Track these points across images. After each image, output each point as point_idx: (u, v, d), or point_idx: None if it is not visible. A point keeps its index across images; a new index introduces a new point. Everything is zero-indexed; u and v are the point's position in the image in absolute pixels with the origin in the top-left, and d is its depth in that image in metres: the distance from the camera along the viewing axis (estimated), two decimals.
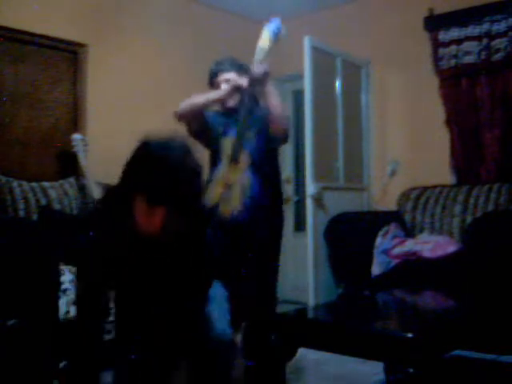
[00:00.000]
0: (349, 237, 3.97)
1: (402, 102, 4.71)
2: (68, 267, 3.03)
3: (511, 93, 4.05)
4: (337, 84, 4.61)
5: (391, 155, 4.70)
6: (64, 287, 2.93)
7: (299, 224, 5.36)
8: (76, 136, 3.89)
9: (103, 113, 4.18)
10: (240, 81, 2.77)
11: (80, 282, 1.76)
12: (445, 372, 2.49)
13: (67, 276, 2.97)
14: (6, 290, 2.67)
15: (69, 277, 2.98)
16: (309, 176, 4.17)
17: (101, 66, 4.23)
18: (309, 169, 4.17)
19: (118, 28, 4.38)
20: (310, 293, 4.09)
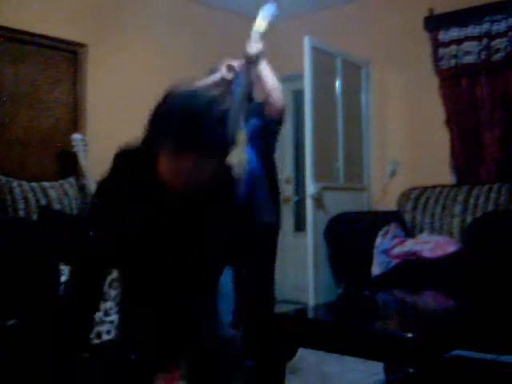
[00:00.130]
0: (349, 237, 3.97)
1: (402, 102, 4.71)
2: (68, 267, 3.02)
3: (511, 93, 4.05)
4: (337, 84, 4.60)
5: (391, 155, 4.70)
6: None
7: (299, 224, 5.36)
8: (76, 136, 3.90)
9: (103, 113, 4.18)
10: (235, 62, 2.79)
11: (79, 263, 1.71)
12: (445, 372, 2.49)
13: (67, 276, 2.97)
14: (6, 290, 2.67)
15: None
16: (309, 176, 4.17)
17: (101, 66, 4.23)
18: (309, 169, 4.17)
19: (118, 28, 4.38)
20: (310, 293, 4.09)
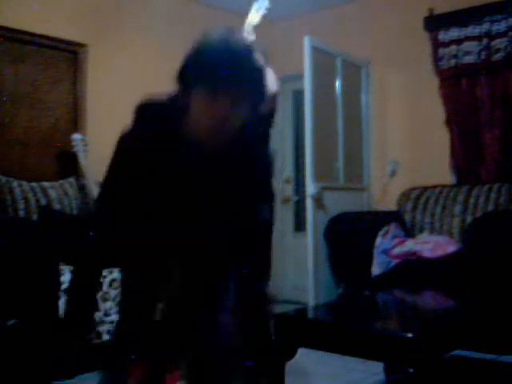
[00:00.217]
0: (349, 237, 3.97)
1: (402, 102, 4.71)
2: (68, 267, 3.03)
3: (511, 93, 4.05)
4: (337, 84, 4.60)
5: (391, 155, 4.70)
6: (64, 287, 2.93)
7: (299, 224, 5.36)
8: (76, 136, 3.90)
9: (103, 113, 4.18)
10: None
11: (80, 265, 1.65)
12: (445, 372, 2.50)
13: (67, 276, 2.97)
14: (6, 290, 2.67)
15: (69, 277, 2.98)
16: (309, 176, 4.17)
17: (101, 66, 4.23)
18: (309, 169, 4.17)
19: (118, 28, 4.38)
20: (310, 293, 4.09)
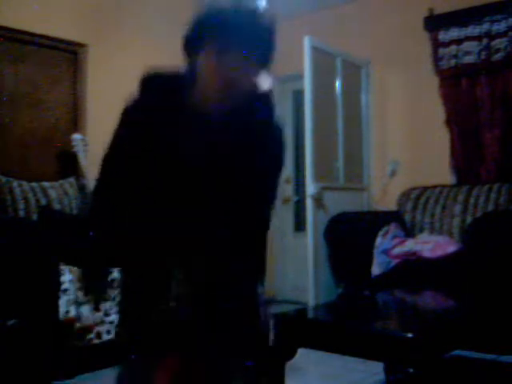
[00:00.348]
0: (349, 237, 3.97)
1: (402, 102, 4.71)
2: (68, 267, 3.03)
3: (511, 93, 4.05)
4: (337, 84, 4.60)
5: (391, 155, 4.70)
6: (64, 287, 2.93)
7: (299, 224, 5.36)
8: (76, 136, 3.90)
9: (103, 113, 4.17)
10: None
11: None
12: (445, 372, 2.50)
13: (67, 276, 2.97)
14: (6, 290, 2.67)
15: (69, 277, 2.98)
16: (309, 176, 4.17)
17: (101, 66, 4.23)
18: (309, 169, 4.17)
19: (118, 28, 4.38)
20: (310, 293, 4.09)
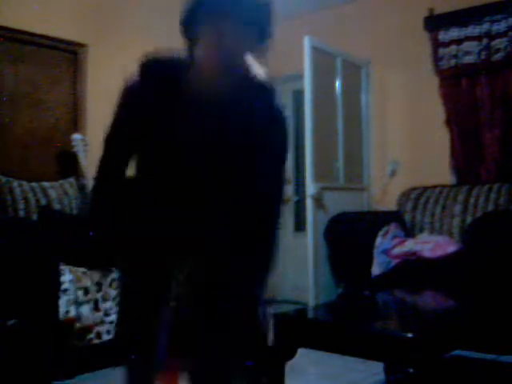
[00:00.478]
0: (349, 237, 3.97)
1: (402, 102, 4.71)
2: (68, 267, 3.03)
3: (511, 93, 4.05)
4: (337, 84, 4.60)
5: (391, 155, 4.70)
6: (64, 287, 2.93)
7: (299, 224, 5.36)
8: (76, 136, 3.90)
9: (103, 113, 4.16)
10: None
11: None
12: (445, 372, 2.50)
13: (67, 276, 2.97)
14: (6, 290, 2.67)
15: (69, 277, 2.98)
16: (309, 176, 4.17)
17: (101, 66, 4.23)
18: (309, 169, 4.17)
19: (118, 28, 4.37)
20: (310, 293, 4.09)
